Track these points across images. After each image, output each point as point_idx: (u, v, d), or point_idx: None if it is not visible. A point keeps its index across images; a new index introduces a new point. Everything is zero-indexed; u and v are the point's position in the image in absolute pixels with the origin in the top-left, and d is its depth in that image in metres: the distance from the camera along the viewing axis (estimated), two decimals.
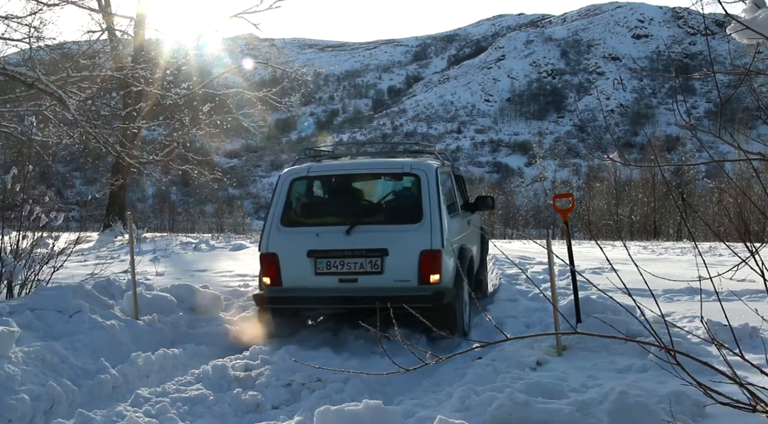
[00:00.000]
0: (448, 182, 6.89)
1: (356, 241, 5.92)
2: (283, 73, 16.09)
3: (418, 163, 6.27)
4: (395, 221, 6.10)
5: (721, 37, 2.76)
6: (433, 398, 4.17)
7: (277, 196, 6.34)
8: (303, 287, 6.05)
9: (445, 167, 6.89)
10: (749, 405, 2.34)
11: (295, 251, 6.05)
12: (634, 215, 55.25)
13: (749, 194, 19.93)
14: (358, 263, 5.91)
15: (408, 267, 5.79)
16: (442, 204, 6.01)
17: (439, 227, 5.82)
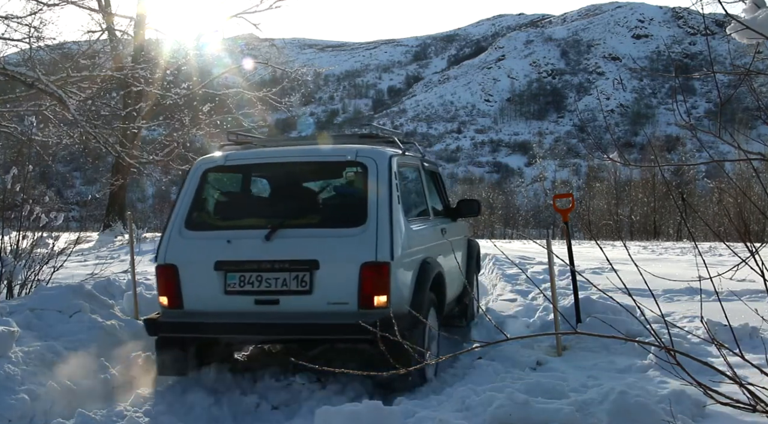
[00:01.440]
0: (411, 178, 5.54)
1: (278, 249, 4.43)
2: (283, 73, 16.09)
3: (367, 150, 4.76)
4: (331, 224, 4.58)
5: (721, 37, 2.76)
6: (433, 398, 4.17)
7: (184, 191, 4.91)
8: (209, 310, 4.55)
9: (408, 159, 5.37)
10: (749, 405, 2.33)
11: (200, 262, 4.57)
12: (634, 215, 55.29)
13: (749, 194, 19.93)
14: (280, 279, 4.39)
15: (345, 285, 4.28)
16: (396, 203, 4.52)
17: (389, 233, 4.30)
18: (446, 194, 6.70)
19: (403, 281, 4.49)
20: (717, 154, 3.30)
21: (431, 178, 6.30)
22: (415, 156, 5.71)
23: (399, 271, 4.40)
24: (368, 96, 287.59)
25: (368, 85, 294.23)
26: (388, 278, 4.28)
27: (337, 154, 4.99)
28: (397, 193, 4.58)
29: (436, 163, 6.74)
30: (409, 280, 4.57)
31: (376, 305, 4.27)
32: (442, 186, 6.66)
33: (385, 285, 4.28)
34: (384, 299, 4.28)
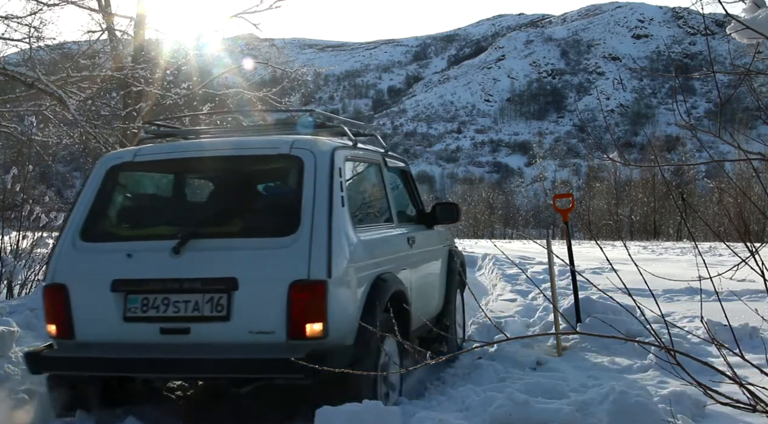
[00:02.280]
0: (367, 176, 4.61)
1: (189, 265, 3.55)
2: (283, 73, 16.07)
3: (305, 141, 3.86)
4: (255, 233, 3.67)
5: (721, 37, 2.76)
6: (433, 398, 4.17)
7: (84, 194, 4.00)
8: (104, 340, 3.66)
9: (361, 153, 4.39)
10: (749, 405, 2.34)
11: (95, 281, 3.68)
12: (634, 215, 55.35)
13: (749, 194, 19.94)
14: (191, 303, 3.52)
15: (270, 310, 3.41)
16: (339, 206, 3.65)
17: (326, 244, 3.45)
18: (419, 197, 5.63)
19: (347, 304, 3.55)
20: (717, 154, 3.30)
21: (399, 178, 5.38)
22: (372, 150, 4.69)
23: (340, 291, 3.48)
24: (368, 96, 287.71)
25: (368, 85, 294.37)
26: (325, 301, 3.36)
27: (267, 146, 3.99)
28: (340, 194, 3.66)
29: (404, 159, 5.60)
30: (355, 301, 3.62)
31: (309, 334, 3.35)
32: (414, 187, 5.57)
33: (321, 309, 3.36)
34: (319, 327, 3.36)
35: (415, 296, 4.52)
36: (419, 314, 4.47)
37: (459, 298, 6.05)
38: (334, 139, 4.07)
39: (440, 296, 5.49)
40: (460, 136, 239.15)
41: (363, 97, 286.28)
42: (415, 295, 4.54)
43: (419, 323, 4.56)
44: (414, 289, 4.54)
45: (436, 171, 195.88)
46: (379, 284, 3.88)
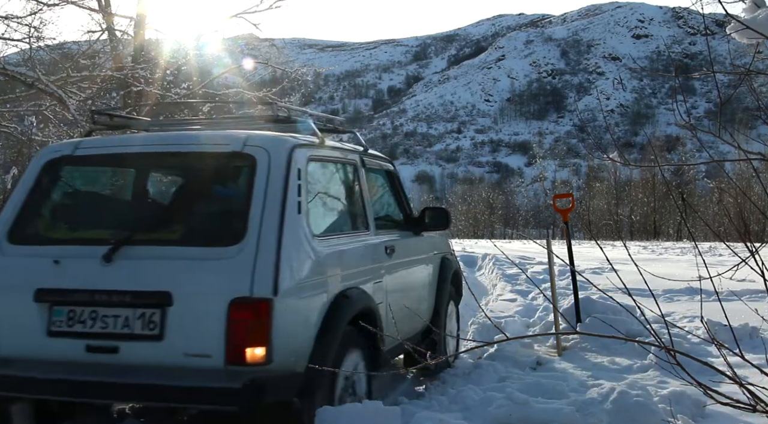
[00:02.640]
0: (337, 178, 4.09)
1: (120, 275, 3.14)
2: (283, 73, 16.06)
3: (261, 137, 3.43)
4: (195, 241, 3.21)
5: (721, 37, 2.76)
6: (433, 398, 4.17)
7: (17, 191, 3.65)
8: (26, 356, 3.25)
9: (330, 151, 3.90)
10: (749, 405, 2.33)
11: (17, 289, 3.29)
12: (634, 215, 55.37)
13: (749, 194, 19.94)
14: (121, 318, 3.10)
15: (207, 330, 2.98)
16: (295, 212, 3.21)
17: (274, 255, 3.01)
18: (407, 201, 5.09)
19: (298, 325, 3.10)
20: (717, 154, 3.30)
21: (383, 180, 4.95)
22: (347, 149, 4.21)
23: (290, 310, 3.02)
24: (368, 96, 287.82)
25: (368, 85, 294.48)
26: (269, 322, 2.91)
27: (218, 142, 3.51)
28: (297, 198, 3.22)
29: (389, 160, 5.10)
30: (309, 322, 3.17)
31: (250, 360, 2.91)
32: (400, 190, 5.04)
33: (264, 332, 2.91)
34: (261, 352, 2.90)
35: (394, 311, 4.08)
36: (400, 329, 4.03)
37: (453, 310, 5.61)
38: (299, 137, 3.60)
39: (428, 308, 5.02)
40: (460, 136, 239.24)
41: (363, 97, 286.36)
42: (395, 309, 4.10)
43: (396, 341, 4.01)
44: (392, 303, 4.10)
45: (436, 171, 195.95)
46: (342, 301, 3.40)
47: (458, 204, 71.00)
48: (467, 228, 65.16)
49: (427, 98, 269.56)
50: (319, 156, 3.69)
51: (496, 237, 54.98)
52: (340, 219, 3.98)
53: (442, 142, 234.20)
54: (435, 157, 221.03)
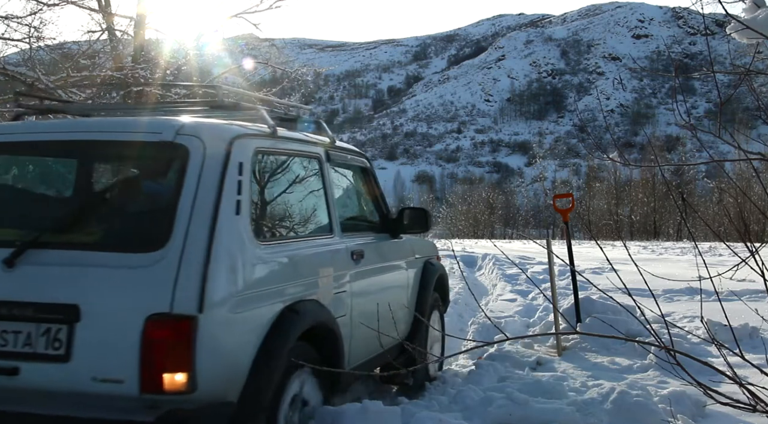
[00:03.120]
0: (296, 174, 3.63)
1: (23, 283, 2.67)
2: (283, 73, 16.06)
3: (196, 126, 2.92)
4: (112, 246, 2.73)
5: (721, 37, 2.76)
6: (433, 398, 4.18)
7: None
8: None
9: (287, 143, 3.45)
10: (749, 405, 2.34)
11: None
12: (634, 215, 55.39)
13: (749, 194, 19.94)
14: (23, 334, 2.64)
15: (120, 351, 2.52)
16: (229, 213, 2.74)
17: (202, 263, 2.56)
18: (383, 200, 4.60)
19: (231, 346, 2.65)
20: (717, 154, 3.30)
21: (355, 177, 4.48)
22: (308, 141, 3.68)
23: (221, 328, 2.58)
24: (368, 96, 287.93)
25: (368, 85, 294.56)
26: (191, 343, 2.46)
27: (147, 130, 2.93)
28: (237, 196, 2.78)
29: (363, 154, 4.50)
30: (245, 343, 2.72)
31: (169, 387, 2.46)
32: (376, 188, 4.56)
33: (185, 355, 2.46)
34: (182, 378, 2.46)
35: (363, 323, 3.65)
36: (370, 343, 3.71)
37: (437, 319, 5.18)
38: (247, 125, 3.13)
39: (407, 318, 4.55)
40: (460, 136, 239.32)
41: (363, 97, 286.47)
42: (364, 322, 3.66)
43: (366, 356, 3.82)
44: (359, 315, 3.69)
45: (436, 171, 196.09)
46: (289, 316, 2.93)
47: (458, 204, 70.99)
48: (467, 228, 65.15)
49: (427, 98, 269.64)
50: (271, 148, 3.23)
51: (496, 237, 54.99)
52: (295, 221, 3.51)
53: (442, 142, 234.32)
54: (435, 157, 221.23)
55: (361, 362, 3.80)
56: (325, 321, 3.24)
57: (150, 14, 13.72)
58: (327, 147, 3.83)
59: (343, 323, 3.49)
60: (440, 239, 35.69)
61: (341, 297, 3.54)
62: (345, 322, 3.52)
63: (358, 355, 3.70)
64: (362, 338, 3.69)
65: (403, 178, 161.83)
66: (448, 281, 5.49)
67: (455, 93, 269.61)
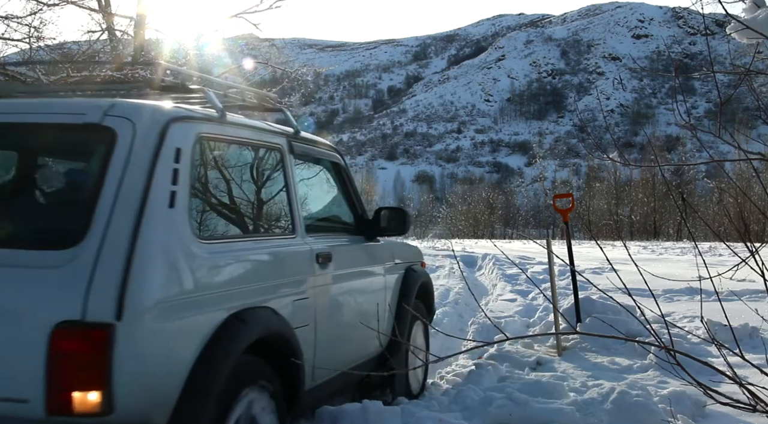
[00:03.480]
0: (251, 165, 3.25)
1: None
2: (283, 73, 16.07)
3: (128, 107, 2.53)
4: (19, 242, 2.40)
5: (721, 37, 2.76)
6: (433, 399, 4.18)
7: None
8: None
9: (238, 130, 3.02)
10: (749, 405, 2.34)
11: None
12: (634, 215, 55.41)
13: (749, 194, 19.94)
14: None
15: (24, 367, 2.13)
16: (161, 206, 2.39)
17: (122, 263, 2.18)
18: (358, 199, 4.23)
19: (161, 359, 2.26)
20: (717, 154, 3.30)
21: (322, 172, 4.08)
22: (263, 129, 3.23)
23: (146, 339, 2.19)
24: (368, 96, 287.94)
25: (368, 85, 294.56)
26: (108, 356, 2.08)
27: (71, 111, 2.57)
28: (171, 187, 2.42)
29: (333, 147, 4.11)
30: (180, 354, 2.33)
31: (79, 409, 2.08)
32: (350, 186, 4.17)
33: (100, 370, 2.09)
34: (96, 397, 2.08)
35: (329, 335, 3.35)
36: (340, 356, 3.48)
37: (421, 330, 4.76)
38: (189, 108, 2.77)
39: (386, 329, 4.14)
40: (460, 136, 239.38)
41: (363, 97, 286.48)
42: (330, 333, 3.35)
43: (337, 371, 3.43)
44: (326, 325, 3.32)
45: (436, 171, 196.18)
46: (234, 326, 2.53)
47: (458, 204, 71.00)
48: (467, 228, 65.16)
49: (427, 98, 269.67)
50: (219, 135, 2.82)
51: (496, 237, 54.99)
52: (248, 218, 3.11)
53: (442, 142, 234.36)
54: (435, 157, 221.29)
55: (331, 376, 3.40)
56: (279, 331, 2.82)
57: (150, 14, 13.74)
58: (290, 138, 3.43)
59: (305, 333, 3.06)
60: (440, 239, 35.70)
61: (303, 304, 3.11)
62: (307, 332, 3.10)
63: (325, 369, 3.29)
64: (330, 350, 3.34)
65: (403, 178, 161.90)
66: (432, 289, 5.04)
67: (455, 93, 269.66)
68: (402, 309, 4.33)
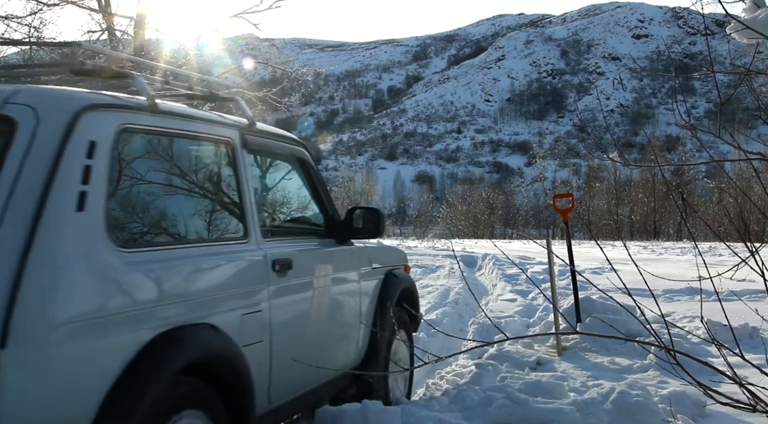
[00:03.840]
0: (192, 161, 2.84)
1: None
2: (283, 73, 16.08)
3: (33, 93, 2.20)
4: None
5: (721, 37, 2.76)
6: (433, 398, 4.17)
7: None
8: None
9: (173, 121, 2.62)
10: (749, 405, 2.34)
11: None
12: (634, 215, 55.42)
13: (749, 194, 19.94)
14: None
15: None
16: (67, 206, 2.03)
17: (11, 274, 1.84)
18: (327, 199, 3.79)
19: (64, 391, 1.91)
20: (717, 154, 3.30)
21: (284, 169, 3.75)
22: (210, 120, 2.85)
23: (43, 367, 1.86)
24: (368, 96, 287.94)
25: (368, 85, 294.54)
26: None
27: None
28: (81, 187, 2.10)
29: (298, 141, 3.65)
30: (89, 384, 1.99)
31: None
32: (317, 184, 3.74)
33: None
34: None
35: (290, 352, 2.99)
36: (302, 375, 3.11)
37: (404, 341, 4.37)
38: (116, 95, 2.48)
39: (359, 342, 3.82)
40: (460, 136, 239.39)
41: (363, 97, 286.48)
42: (291, 349, 3.00)
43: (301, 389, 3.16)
44: (284, 340, 2.95)
45: (436, 171, 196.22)
46: (162, 347, 2.18)
47: (458, 204, 71.00)
48: (467, 228, 65.17)
49: (427, 98, 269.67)
50: (148, 126, 2.46)
51: (496, 237, 55.00)
52: (185, 223, 2.65)
53: (442, 142, 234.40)
54: (435, 157, 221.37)
55: (294, 396, 3.13)
56: (220, 351, 2.46)
57: (150, 14, 13.75)
58: (244, 130, 3.03)
59: (258, 351, 2.72)
60: (440, 239, 35.71)
61: (255, 319, 2.74)
62: (261, 350, 2.75)
63: (286, 389, 3.00)
64: (292, 368, 2.98)
65: (403, 178, 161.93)
66: (417, 295, 4.64)
67: (455, 93, 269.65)
68: (381, 318, 3.97)
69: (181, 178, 2.69)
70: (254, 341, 2.71)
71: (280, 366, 2.89)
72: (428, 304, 8.34)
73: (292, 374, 3.03)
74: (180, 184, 2.68)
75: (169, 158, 2.64)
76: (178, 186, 2.67)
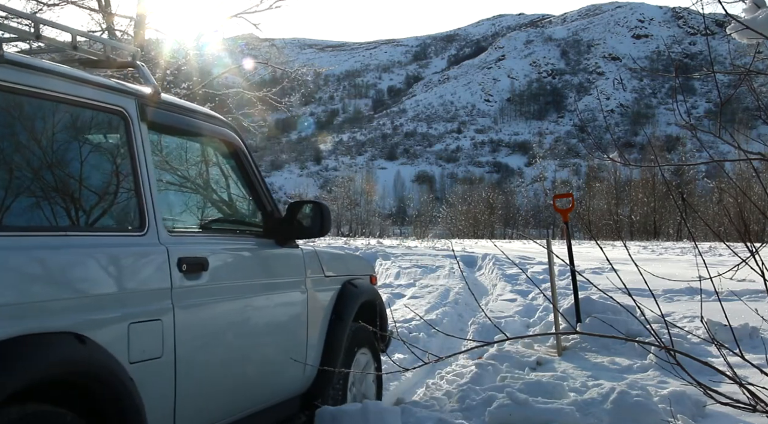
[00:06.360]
0: (67, 132, 2.24)
1: None
2: (283, 73, 16.07)
3: None
4: None
5: (721, 37, 2.76)
6: (433, 398, 4.17)
7: None
8: None
9: (29, 75, 2.01)
10: (749, 405, 2.33)
11: None
12: (634, 215, 55.45)
13: (749, 194, 19.94)
14: None
15: None
16: None
17: None
18: (265, 191, 3.21)
19: None
20: (717, 154, 3.30)
21: (211, 154, 3.17)
22: (97, 84, 2.31)
23: None
24: (368, 96, 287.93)
25: (368, 85, 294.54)
26: None
27: None
28: None
29: (222, 121, 3.06)
30: None
31: None
32: (251, 173, 3.15)
33: None
34: None
35: (207, 372, 2.53)
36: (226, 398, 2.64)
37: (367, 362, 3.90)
38: None
39: (308, 361, 3.27)
40: (460, 136, 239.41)
41: (363, 97, 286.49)
42: (207, 369, 2.53)
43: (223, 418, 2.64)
44: (198, 358, 2.46)
45: (436, 171, 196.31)
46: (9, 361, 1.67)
47: (458, 204, 71.00)
48: (467, 228, 65.17)
49: (427, 98, 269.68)
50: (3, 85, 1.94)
51: (496, 237, 54.99)
52: (55, 205, 2.11)
53: (442, 142, 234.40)
54: (435, 157, 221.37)
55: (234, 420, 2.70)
56: (88, 368, 1.92)
57: (150, 14, 13.75)
58: (144, 100, 2.48)
59: (156, 369, 2.23)
60: (440, 239, 35.70)
61: (149, 329, 2.22)
62: (159, 368, 2.24)
63: (200, 419, 2.52)
64: (210, 392, 2.53)
65: (403, 178, 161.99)
66: (383, 309, 4.07)
67: (455, 93, 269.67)
68: (334, 334, 3.45)
69: (40, 152, 2.09)
70: (149, 357, 2.19)
71: (190, 389, 2.38)
72: (428, 304, 8.34)
73: (208, 400, 2.53)
74: (38, 158, 2.08)
75: (26, 125, 2.07)
76: (34, 161, 2.07)
